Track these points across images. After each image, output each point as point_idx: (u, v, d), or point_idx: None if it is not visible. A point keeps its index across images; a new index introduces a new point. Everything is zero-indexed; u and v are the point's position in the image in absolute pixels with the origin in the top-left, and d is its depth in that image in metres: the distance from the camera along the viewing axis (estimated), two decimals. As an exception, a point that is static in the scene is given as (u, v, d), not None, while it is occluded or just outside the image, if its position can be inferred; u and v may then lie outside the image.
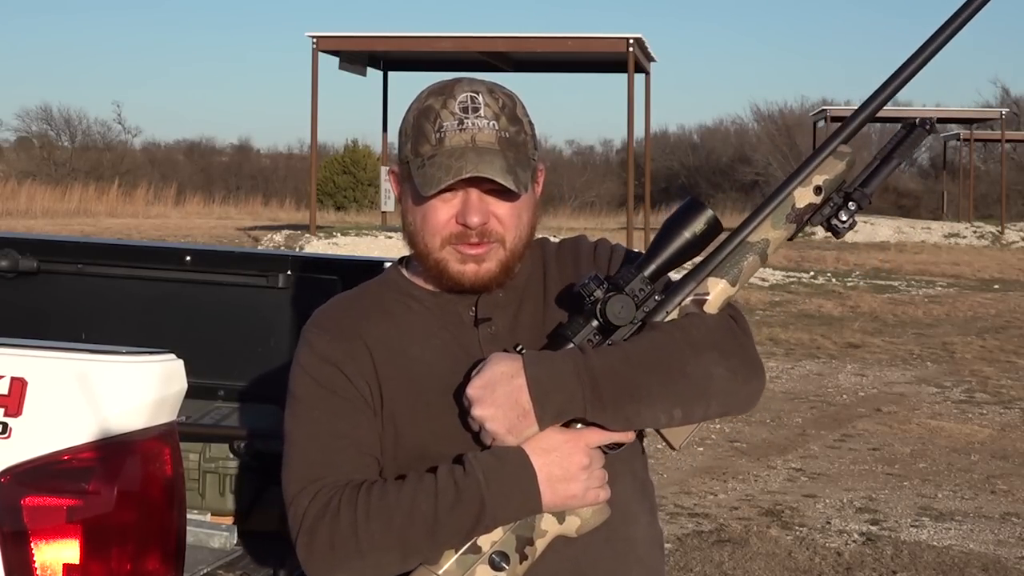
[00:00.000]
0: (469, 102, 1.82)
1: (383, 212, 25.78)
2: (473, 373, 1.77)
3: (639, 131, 25.29)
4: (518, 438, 1.75)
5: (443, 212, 1.82)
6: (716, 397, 1.81)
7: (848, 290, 18.70)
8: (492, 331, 1.87)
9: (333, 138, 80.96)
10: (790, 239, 1.88)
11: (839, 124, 1.95)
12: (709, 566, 5.69)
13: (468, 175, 1.77)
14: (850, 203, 1.85)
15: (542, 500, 1.75)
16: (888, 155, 1.88)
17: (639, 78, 22.96)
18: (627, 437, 1.81)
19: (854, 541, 6.15)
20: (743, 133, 53.86)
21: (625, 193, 25.39)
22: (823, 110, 34.99)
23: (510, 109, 1.85)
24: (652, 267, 1.83)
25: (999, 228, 31.92)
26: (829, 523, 6.48)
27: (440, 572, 1.74)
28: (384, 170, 25.52)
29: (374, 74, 25.56)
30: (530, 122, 1.89)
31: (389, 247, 21.03)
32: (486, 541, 1.75)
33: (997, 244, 30.45)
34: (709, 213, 1.84)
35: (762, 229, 1.86)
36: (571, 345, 1.79)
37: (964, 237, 30.75)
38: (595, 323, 1.80)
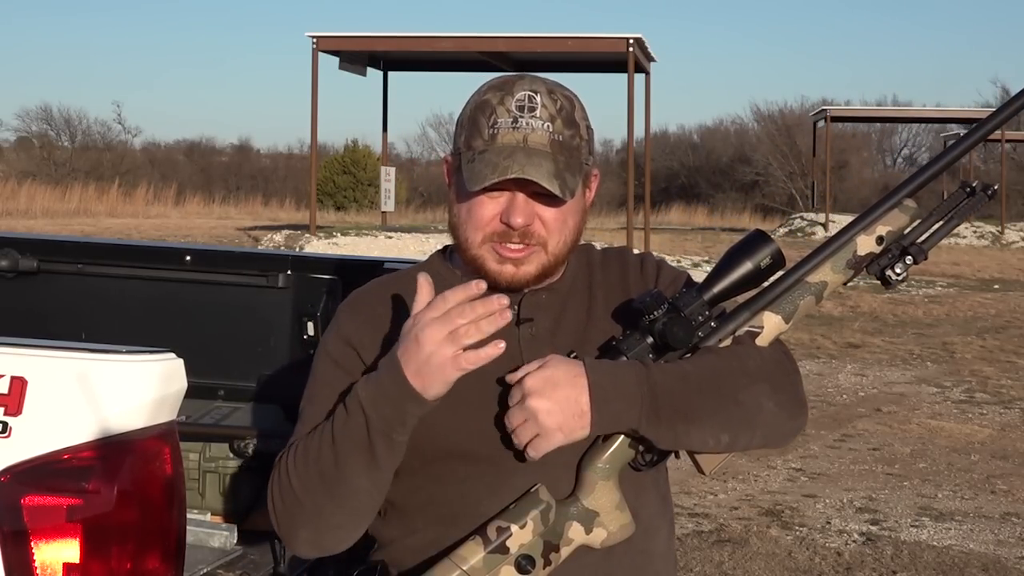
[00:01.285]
0: (527, 101, 1.81)
1: (383, 212, 25.78)
2: (527, 367, 1.76)
3: (639, 131, 25.35)
4: (567, 437, 1.74)
5: (489, 209, 1.82)
6: (761, 428, 1.82)
7: (848, 290, 18.69)
8: (533, 332, 1.87)
9: (333, 138, 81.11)
10: (844, 284, 1.90)
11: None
12: (709, 566, 5.69)
13: (513, 175, 1.76)
14: (907, 257, 1.87)
15: (409, 381, 1.68)
16: (948, 216, 1.89)
17: (639, 78, 22.96)
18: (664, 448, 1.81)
19: (854, 541, 6.15)
20: (743, 133, 53.91)
21: (625, 193, 25.37)
22: (823, 110, 35.02)
23: (567, 112, 1.84)
24: (712, 292, 1.84)
25: (999, 228, 31.94)
26: (829, 523, 6.48)
27: (466, 568, 1.74)
28: (384, 170, 25.52)
29: (374, 74, 25.56)
30: (588, 127, 1.88)
31: (389, 247, 21.02)
32: (514, 543, 1.75)
33: (997, 244, 30.47)
34: (774, 247, 1.85)
35: (822, 271, 1.87)
36: (625, 359, 1.79)
37: (964, 237, 30.75)
38: (650, 341, 1.80)
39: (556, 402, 1.73)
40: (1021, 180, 44.58)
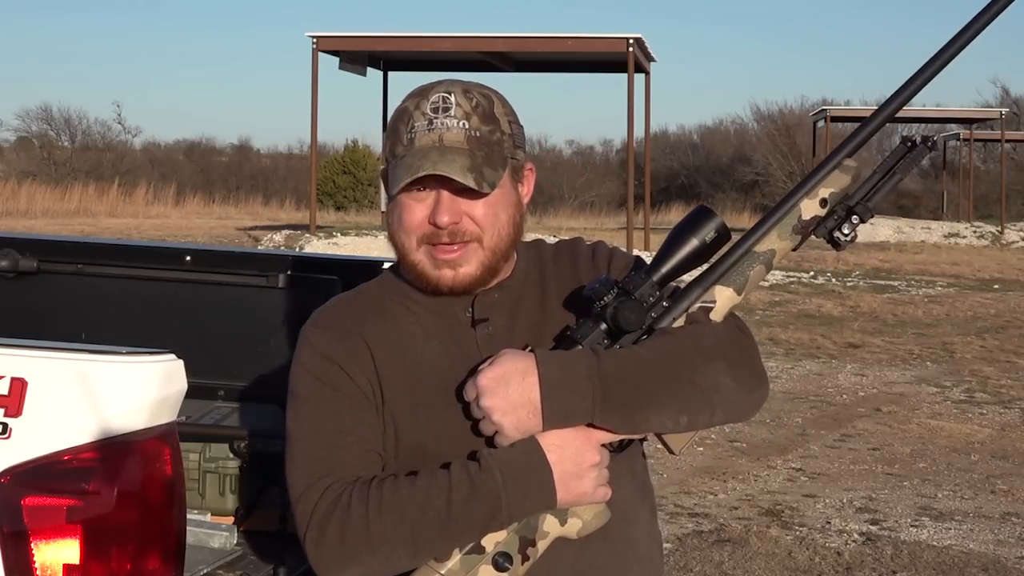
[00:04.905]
0: (441, 102, 1.84)
1: (383, 212, 25.79)
2: (482, 366, 1.78)
3: (639, 131, 25.29)
4: (523, 435, 1.76)
5: (417, 212, 1.84)
6: (721, 406, 1.83)
7: (848, 290, 18.70)
8: (489, 331, 1.88)
9: (333, 138, 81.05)
10: (793, 250, 1.90)
11: (846, 135, 1.97)
12: (709, 566, 5.69)
13: (424, 173, 1.79)
14: (853, 217, 1.87)
15: (556, 497, 1.76)
16: (890, 170, 1.90)
17: (639, 78, 22.97)
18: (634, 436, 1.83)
19: (854, 541, 6.15)
20: (743, 133, 53.85)
21: (625, 193, 25.38)
22: (823, 110, 35.00)
23: (484, 108, 1.86)
24: (660, 273, 1.84)
25: (999, 228, 31.93)
26: (829, 523, 6.49)
27: (443, 571, 1.74)
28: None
29: (374, 74, 25.57)
30: (511, 121, 1.89)
31: (389, 247, 20.99)
32: (490, 541, 1.75)
33: (997, 244, 30.45)
34: (718, 220, 1.85)
35: (769, 239, 1.88)
36: (580, 347, 1.80)
37: (964, 237, 30.74)
38: (603, 327, 1.80)
39: (508, 400, 1.74)
40: (1021, 180, 44.56)
